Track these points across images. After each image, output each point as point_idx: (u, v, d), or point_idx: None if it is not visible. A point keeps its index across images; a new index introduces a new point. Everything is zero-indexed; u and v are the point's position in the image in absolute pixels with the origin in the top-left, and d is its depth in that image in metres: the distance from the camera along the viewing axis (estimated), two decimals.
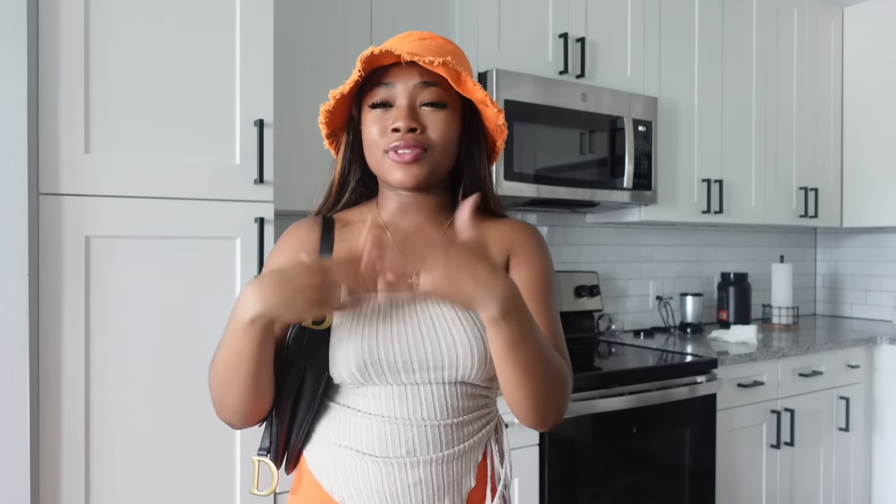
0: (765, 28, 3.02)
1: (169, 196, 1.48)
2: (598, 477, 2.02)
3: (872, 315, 3.49)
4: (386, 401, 0.90)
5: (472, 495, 0.94)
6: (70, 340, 1.38)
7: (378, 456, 0.89)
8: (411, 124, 0.90)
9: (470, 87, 0.92)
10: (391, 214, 0.99)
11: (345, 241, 0.97)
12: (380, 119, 0.92)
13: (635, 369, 2.14)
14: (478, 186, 1.00)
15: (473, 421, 0.94)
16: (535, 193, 2.22)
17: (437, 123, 0.92)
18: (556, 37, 2.34)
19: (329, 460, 0.92)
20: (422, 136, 0.91)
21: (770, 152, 3.04)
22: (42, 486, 1.36)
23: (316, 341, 0.91)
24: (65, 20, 1.38)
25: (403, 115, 0.91)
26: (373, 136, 0.93)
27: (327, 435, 0.93)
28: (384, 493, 0.89)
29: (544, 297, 0.98)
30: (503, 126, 0.98)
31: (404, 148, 0.90)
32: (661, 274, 3.14)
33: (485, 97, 0.93)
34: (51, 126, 1.37)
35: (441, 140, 0.92)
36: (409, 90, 0.92)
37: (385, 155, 0.92)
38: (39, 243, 1.36)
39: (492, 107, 0.94)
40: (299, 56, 1.88)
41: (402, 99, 0.92)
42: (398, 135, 0.90)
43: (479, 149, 1.00)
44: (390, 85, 0.92)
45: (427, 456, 0.89)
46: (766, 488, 2.51)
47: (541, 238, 1.02)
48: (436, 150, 0.92)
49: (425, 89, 0.92)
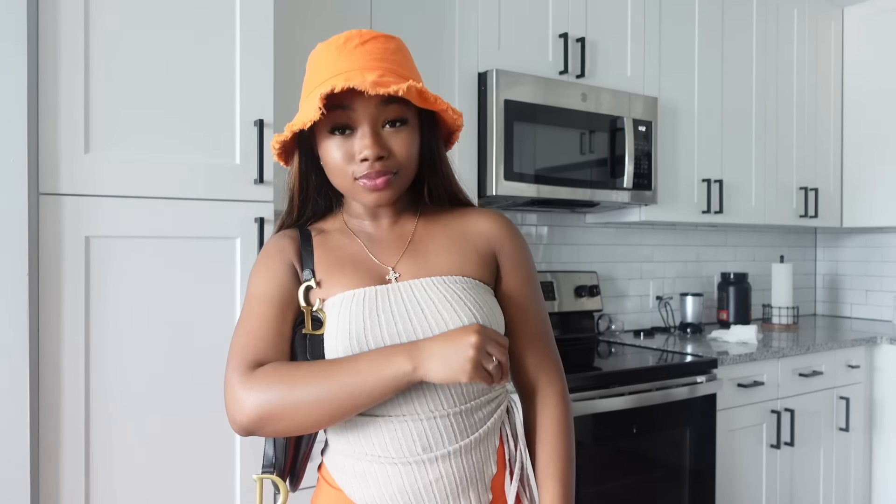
0: (765, 28, 3.02)
1: (169, 196, 1.48)
2: (598, 477, 2.02)
3: (872, 315, 3.49)
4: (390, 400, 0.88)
5: (496, 482, 0.94)
6: (70, 340, 1.38)
7: (395, 458, 0.88)
8: (380, 152, 0.88)
9: (431, 101, 0.90)
10: (358, 221, 1.00)
11: (322, 247, 0.97)
12: (343, 145, 0.89)
13: (635, 369, 2.14)
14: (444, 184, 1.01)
15: (483, 405, 0.93)
16: (535, 193, 2.22)
17: (402, 144, 0.91)
18: (556, 37, 2.34)
19: (348, 467, 0.91)
20: (389, 162, 0.90)
21: (770, 152, 3.04)
22: (42, 486, 1.36)
23: (318, 346, 0.90)
24: (65, 20, 1.38)
25: (370, 143, 0.87)
26: (337, 162, 0.90)
27: (340, 442, 0.92)
28: (407, 494, 0.88)
29: (533, 293, 1.03)
30: (461, 125, 0.98)
31: (374, 176, 0.89)
32: (661, 274, 3.14)
33: (446, 107, 0.92)
34: (51, 126, 1.37)
35: (407, 160, 0.92)
36: (370, 113, 0.88)
37: (355, 181, 0.90)
38: (39, 243, 1.36)
39: (452, 113, 0.94)
40: (299, 56, 1.87)
41: (365, 123, 0.88)
42: (367, 164, 0.88)
43: (438, 149, 0.99)
44: (348, 108, 0.88)
45: (444, 450, 0.88)
46: (766, 488, 2.51)
47: (516, 229, 1.05)
48: (403, 171, 0.92)
49: (386, 108, 0.89)
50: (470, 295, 0.92)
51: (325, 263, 0.95)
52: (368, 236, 0.99)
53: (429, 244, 0.98)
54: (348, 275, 0.94)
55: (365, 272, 0.94)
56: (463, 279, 0.94)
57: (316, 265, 0.95)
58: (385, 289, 0.92)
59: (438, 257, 0.96)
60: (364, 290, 0.91)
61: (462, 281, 0.94)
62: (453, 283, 0.93)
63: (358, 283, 0.93)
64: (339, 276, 0.94)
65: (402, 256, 0.96)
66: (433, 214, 1.02)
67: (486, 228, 1.01)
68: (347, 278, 0.94)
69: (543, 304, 1.04)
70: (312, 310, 0.92)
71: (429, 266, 0.95)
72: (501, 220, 1.03)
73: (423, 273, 0.94)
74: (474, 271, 0.97)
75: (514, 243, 1.02)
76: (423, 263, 0.95)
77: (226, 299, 1.54)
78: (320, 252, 0.96)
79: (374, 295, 0.91)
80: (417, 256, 0.96)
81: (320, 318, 0.91)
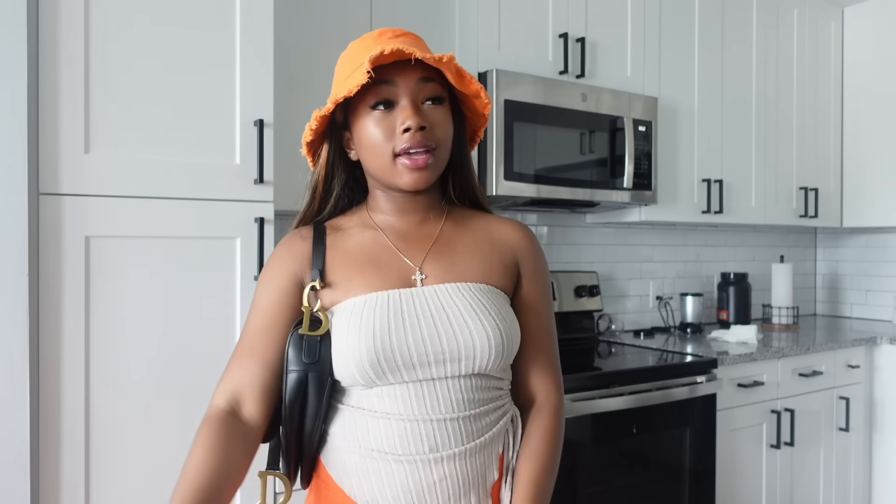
0: (765, 28, 3.02)
1: (169, 196, 1.48)
2: (598, 477, 2.02)
3: (872, 315, 3.49)
4: (402, 400, 0.89)
5: (496, 489, 0.94)
6: (70, 340, 1.38)
7: (401, 454, 0.88)
8: (422, 122, 0.89)
9: (468, 80, 0.93)
10: (384, 216, 0.99)
11: (336, 247, 0.97)
12: (383, 120, 0.91)
13: (635, 369, 2.14)
14: (467, 180, 1.02)
15: (490, 412, 0.93)
16: (535, 193, 2.22)
17: (441, 121, 0.92)
18: (556, 37, 2.34)
19: (350, 464, 0.91)
20: (430, 134, 0.90)
21: (770, 152, 3.04)
22: (42, 486, 1.36)
23: (314, 346, 0.90)
24: (64, 21, 1.38)
25: (412, 113, 0.89)
26: (377, 139, 0.91)
27: (344, 439, 0.92)
28: (410, 493, 0.88)
29: (546, 307, 1.03)
30: (487, 115, 0.99)
31: (416, 148, 0.89)
32: (661, 274, 3.14)
33: (479, 89, 0.94)
34: (51, 126, 1.37)
35: (445, 138, 0.93)
36: (410, 88, 0.90)
37: (395, 159, 0.91)
38: (39, 243, 1.36)
39: (483, 98, 0.95)
40: (299, 56, 1.88)
41: (406, 97, 0.90)
42: (409, 134, 0.89)
43: (464, 143, 1.01)
44: (391, 83, 0.90)
45: (450, 451, 0.88)
46: (766, 488, 2.51)
47: (539, 243, 1.05)
48: (441, 149, 0.93)
49: (426, 85, 0.91)
50: (494, 305, 0.92)
51: (341, 264, 0.95)
52: (395, 231, 0.98)
53: (455, 246, 0.97)
54: (369, 276, 0.93)
55: (388, 272, 0.94)
56: (487, 287, 0.94)
57: (328, 266, 0.95)
58: (409, 292, 0.91)
59: (465, 262, 0.96)
60: (388, 294, 0.91)
61: (486, 290, 0.94)
62: (479, 291, 0.93)
63: (379, 284, 0.92)
64: (357, 277, 0.93)
65: (427, 255, 0.96)
66: (459, 217, 1.02)
67: (511, 238, 1.01)
68: (367, 279, 0.93)
69: (553, 320, 1.05)
70: (313, 310, 0.92)
71: (455, 269, 0.95)
72: (526, 232, 1.04)
73: (449, 276, 0.94)
74: (497, 280, 0.97)
75: (536, 257, 1.03)
76: (450, 266, 0.95)
77: (226, 299, 1.54)
78: (333, 252, 0.96)
79: (399, 298, 0.91)
80: (444, 258, 0.96)
81: (320, 319, 0.91)
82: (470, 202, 1.04)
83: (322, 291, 0.94)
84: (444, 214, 1.01)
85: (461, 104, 0.99)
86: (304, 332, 0.90)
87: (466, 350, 0.89)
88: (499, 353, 0.90)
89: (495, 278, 0.97)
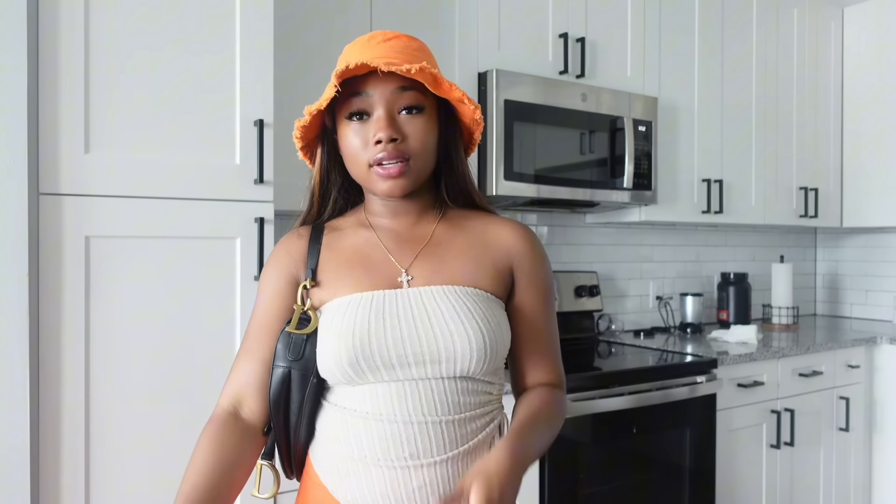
0: (765, 28, 3.02)
1: (169, 196, 1.48)
2: (598, 477, 2.02)
3: (872, 315, 3.49)
4: (383, 399, 0.89)
5: None
6: (70, 340, 1.38)
7: (381, 460, 0.88)
8: (393, 134, 0.89)
9: (446, 87, 0.92)
10: (380, 218, 1.00)
11: (331, 247, 0.98)
12: (359, 131, 0.91)
13: (635, 369, 2.14)
14: (459, 183, 1.01)
15: (476, 418, 0.92)
16: (535, 193, 2.22)
17: (417, 131, 0.91)
18: (556, 37, 2.34)
19: (333, 464, 0.92)
20: (403, 146, 0.90)
21: (770, 152, 3.04)
22: (42, 487, 1.36)
23: (299, 344, 0.92)
24: (64, 21, 1.38)
25: (384, 125, 0.89)
26: (354, 148, 0.92)
27: (328, 438, 0.93)
28: (389, 499, 0.88)
29: (546, 310, 1.02)
30: (479, 120, 0.98)
31: (389, 160, 0.90)
32: (661, 274, 3.14)
33: (462, 96, 0.93)
34: (51, 126, 1.37)
35: (422, 148, 0.92)
36: (386, 98, 0.90)
37: (370, 169, 0.91)
38: (39, 243, 1.36)
39: (468, 104, 0.94)
40: (299, 56, 1.88)
41: (380, 108, 0.90)
42: (381, 146, 0.89)
43: (456, 146, 1.00)
44: (366, 94, 0.90)
45: (431, 459, 0.88)
46: (766, 488, 2.51)
47: (539, 244, 1.04)
48: (418, 159, 0.92)
49: (402, 94, 0.90)
50: (479, 308, 0.91)
51: (333, 264, 0.96)
52: (388, 232, 0.99)
53: (446, 248, 0.97)
54: (357, 276, 0.94)
55: (375, 273, 0.94)
56: (475, 291, 0.94)
57: (321, 265, 0.96)
58: (394, 293, 0.92)
59: (454, 264, 0.96)
60: (372, 294, 0.91)
61: (473, 293, 0.93)
62: (464, 294, 0.92)
63: (367, 284, 0.93)
64: (346, 277, 0.94)
65: (416, 258, 0.96)
66: (455, 218, 1.01)
67: (508, 240, 1.00)
68: (355, 280, 0.94)
69: (555, 322, 1.03)
70: (305, 309, 0.94)
71: (443, 271, 0.95)
72: (525, 233, 1.02)
73: (436, 278, 0.94)
74: (487, 283, 0.96)
75: (534, 259, 1.01)
76: (439, 268, 0.95)
77: (226, 299, 1.54)
78: (328, 252, 0.97)
79: (382, 299, 0.91)
80: (433, 260, 0.96)
81: (310, 318, 0.93)
82: (464, 200, 1.03)
83: (313, 290, 0.95)
84: (439, 216, 1.01)
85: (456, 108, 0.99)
86: (291, 330, 0.92)
87: (447, 352, 0.88)
88: (481, 357, 0.89)
89: (486, 281, 0.96)
